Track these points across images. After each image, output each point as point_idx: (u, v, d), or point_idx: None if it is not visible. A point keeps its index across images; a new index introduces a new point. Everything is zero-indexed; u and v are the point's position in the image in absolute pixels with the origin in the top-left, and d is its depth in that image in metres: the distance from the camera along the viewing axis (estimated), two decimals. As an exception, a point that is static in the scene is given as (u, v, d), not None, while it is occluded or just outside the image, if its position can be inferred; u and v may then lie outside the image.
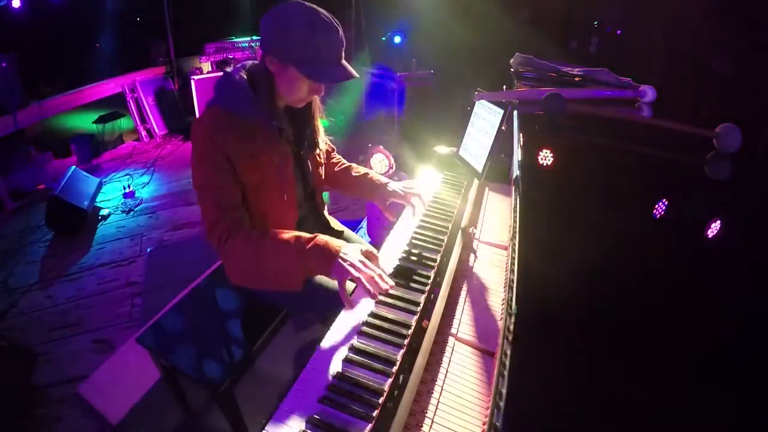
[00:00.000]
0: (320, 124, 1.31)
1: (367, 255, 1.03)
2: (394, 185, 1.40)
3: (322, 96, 1.19)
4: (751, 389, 0.54)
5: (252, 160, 1.13)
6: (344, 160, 1.54)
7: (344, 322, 0.97)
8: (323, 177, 1.39)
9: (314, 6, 1.05)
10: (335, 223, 1.52)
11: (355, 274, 0.95)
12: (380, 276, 0.97)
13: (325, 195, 1.46)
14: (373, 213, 2.58)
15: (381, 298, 1.04)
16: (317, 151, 1.32)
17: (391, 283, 0.97)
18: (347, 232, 1.55)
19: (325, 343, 0.92)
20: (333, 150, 1.52)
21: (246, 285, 1.24)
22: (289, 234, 1.06)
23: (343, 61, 1.09)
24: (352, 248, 1.01)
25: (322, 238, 1.03)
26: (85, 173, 3.50)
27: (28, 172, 3.89)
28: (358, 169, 1.49)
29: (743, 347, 0.60)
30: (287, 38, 1.03)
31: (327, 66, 1.07)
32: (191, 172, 1.12)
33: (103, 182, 3.68)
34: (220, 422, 1.36)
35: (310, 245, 1.01)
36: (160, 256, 2.77)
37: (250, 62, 1.18)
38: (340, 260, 0.97)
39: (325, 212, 1.48)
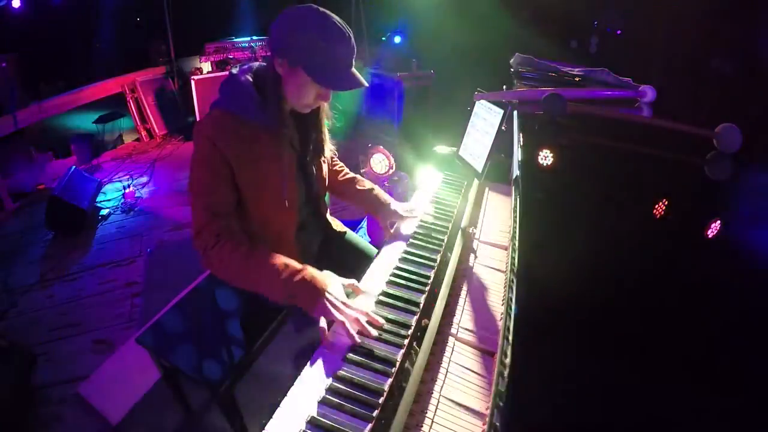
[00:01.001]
0: (326, 130, 1.30)
1: (352, 290, 1.02)
2: (396, 206, 1.39)
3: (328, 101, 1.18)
4: (752, 389, 0.54)
5: (254, 165, 1.12)
6: (347, 169, 1.53)
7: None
8: (327, 182, 1.38)
9: (327, 11, 1.04)
10: (337, 224, 1.52)
11: (338, 317, 0.92)
12: (366, 315, 0.94)
13: (326, 196, 1.46)
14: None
15: (381, 298, 1.04)
16: (322, 157, 1.30)
17: (380, 321, 0.94)
18: (349, 233, 1.55)
19: (326, 342, 0.92)
20: (335, 155, 1.50)
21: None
22: (278, 260, 1.03)
23: (353, 69, 1.08)
24: (337, 287, 0.99)
25: (310, 272, 1.00)
26: (85, 173, 3.50)
27: (28, 172, 3.89)
28: (363, 183, 1.47)
29: (743, 347, 0.60)
30: (299, 41, 1.02)
31: (337, 72, 1.06)
32: (189, 173, 1.11)
33: (103, 182, 3.68)
34: (220, 422, 1.36)
35: (297, 278, 0.98)
36: (160, 256, 2.77)
37: (256, 64, 1.17)
38: (324, 300, 0.95)
39: (327, 215, 1.48)
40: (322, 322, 0.93)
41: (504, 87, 1.79)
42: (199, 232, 1.07)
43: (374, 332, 0.91)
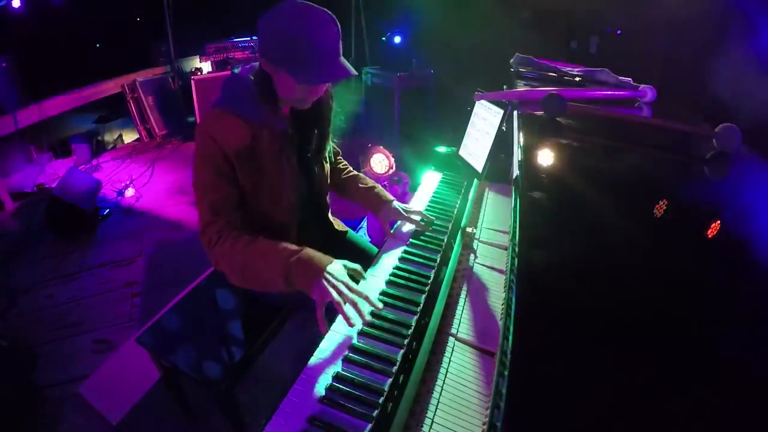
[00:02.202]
0: (329, 128, 1.28)
1: (354, 274, 1.00)
2: (398, 204, 1.39)
3: (323, 95, 1.16)
4: (752, 389, 0.54)
5: (255, 163, 1.12)
6: (351, 167, 1.53)
7: (345, 322, 0.97)
8: (329, 181, 1.38)
9: (307, 4, 1.01)
10: (339, 224, 1.52)
11: (336, 298, 0.89)
12: (366, 299, 0.91)
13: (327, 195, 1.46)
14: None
15: (381, 298, 1.03)
16: (323, 154, 1.30)
17: (379, 305, 0.92)
18: (349, 232, 1.55)
19: (325, 343, 0.92)
20: (338, 153, 1.50)
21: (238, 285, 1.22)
22: (277, 244, 1.02)
23: (341, 59, 1.05)
24: (337, 267, 0.96)
25: (308, 252, 0.98)
26: (85, 173, 3.50)
27: (28, 172, 3.89)
28: (365, 181, 1.47)
29: (743, 347, 0.60)
30: (277, 41, 1.00)
31: (319, 65, 1.02)
32: (192, 172, 1.11)
33: (103, 182, 3.68)
34: (220, 422, 1.36)
35: (294, 258, 0.96)
36: (160, 256, 2.77)
37: (257, 63, 1.16)
38: (323, 279, 0.92)
39: (329, 214, 1.47)
40: (321, 313, 0.91)
41: (504, 87, 1.79)
42: (204, 229, 1.08)
43: (368, 317, 0.89)
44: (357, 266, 1.01)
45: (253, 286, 1.09)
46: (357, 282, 0.99)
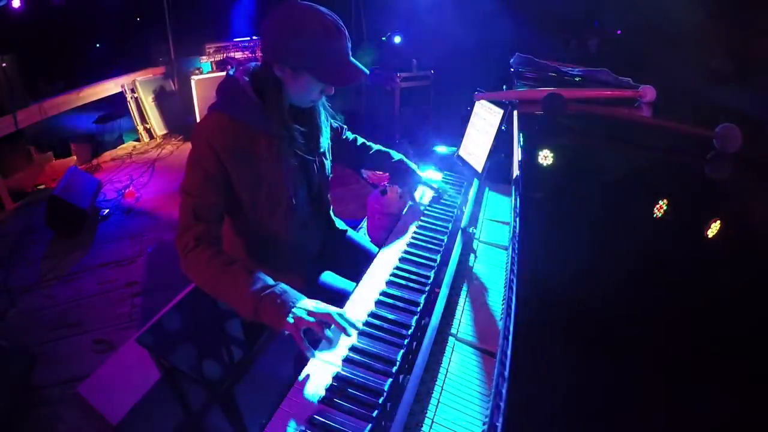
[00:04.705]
0: (325, 127, 1.29)
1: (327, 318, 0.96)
2: (420, 175, 1.55)
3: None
4: (751, 389, 0.54)
5: (253, 166, 1.11)
6: (357, 136, 1.58)
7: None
8: (330, 177, 1.37)
9: (316, 6, 1.02)
10: (339, 223, 1.52)
11: (309, 319, 0.88)
12: (339, 316, 0.89)
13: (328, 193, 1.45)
14: (373, 213, 2.58)
15: (381, 298, 1.04)
16: (322, 149, 1.30)
17: (358, 326, 0.90)
18: (349, 231, 1.55)
19: (326, 343, 0.92)
20: (343, 128, 1.53)
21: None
22: (252, 274, 0.98)
23: (352, 59, 1.08)
24: (308, 301, 0.94)
25: (281, 287, 0.96)
26: (85, 173, 3.50)
27: (28, 172, 3.89)
28: (392, 155, 1.57)
29: (743, 347, 0.60)
30: (298, 45, 1.00)
31: (341, 67, 1.06)
32: (184, 173, 1.10)
33: (103, 182, 3.68)
34: (220, 422, 1.36)
35: (266, 292, 0.94)
36: (160, 256, 2.77)
37: (252, 64, 1.15)
38: (291, 315, 0.90)
39: (331, 212, 1.47)
40: (301, 342, 0.88)
41: (504, 87, 1.79)
42: (181, 234, 1.06)
43: (350, 330, 0.88)
44: (330, 306, 0.96)
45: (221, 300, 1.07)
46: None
